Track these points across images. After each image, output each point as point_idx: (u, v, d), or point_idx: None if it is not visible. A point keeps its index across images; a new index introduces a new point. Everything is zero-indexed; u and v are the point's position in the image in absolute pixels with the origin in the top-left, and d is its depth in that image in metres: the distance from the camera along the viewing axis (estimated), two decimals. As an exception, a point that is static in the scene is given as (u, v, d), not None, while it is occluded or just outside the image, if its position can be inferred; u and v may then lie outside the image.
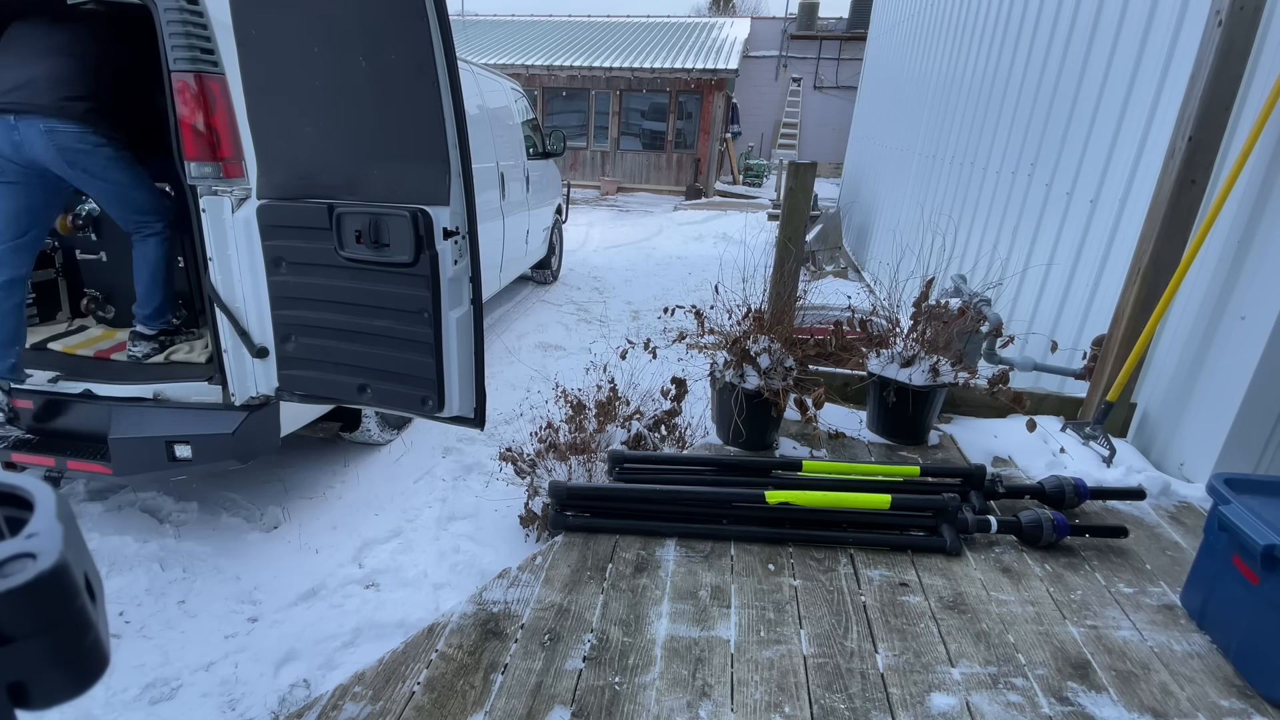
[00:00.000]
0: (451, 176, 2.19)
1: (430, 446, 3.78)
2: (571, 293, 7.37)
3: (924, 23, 7.65)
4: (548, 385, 3.73)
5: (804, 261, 5.59)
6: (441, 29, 2.02)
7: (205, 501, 3.14)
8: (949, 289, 3.65)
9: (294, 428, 2.95)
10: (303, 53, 2.16)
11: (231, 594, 2.61)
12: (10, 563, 0.34)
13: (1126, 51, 3.29)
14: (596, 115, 15.96)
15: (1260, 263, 2.38)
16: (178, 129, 2.32)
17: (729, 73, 14.52)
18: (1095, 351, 3.01)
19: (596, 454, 2.90)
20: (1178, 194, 2.58)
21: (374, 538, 2.97)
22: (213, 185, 2.40)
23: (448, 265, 2.27)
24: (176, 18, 2.24)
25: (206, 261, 2.46)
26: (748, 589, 2.04)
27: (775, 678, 1.72)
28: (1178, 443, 2.67)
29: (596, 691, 1.67)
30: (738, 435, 2.80)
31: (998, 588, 2.07)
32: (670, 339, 3.13)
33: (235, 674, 2.25)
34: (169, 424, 2.61)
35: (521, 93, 6.71)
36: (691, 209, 13.56)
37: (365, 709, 1.63)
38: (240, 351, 2.57)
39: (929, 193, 6.35)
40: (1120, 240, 3.13)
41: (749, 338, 2.79)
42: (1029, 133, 4.27)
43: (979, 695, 1.67)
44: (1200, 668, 1.77)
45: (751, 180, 18.16)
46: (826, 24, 20.58)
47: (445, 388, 2.40)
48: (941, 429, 3.10)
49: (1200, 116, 2.49)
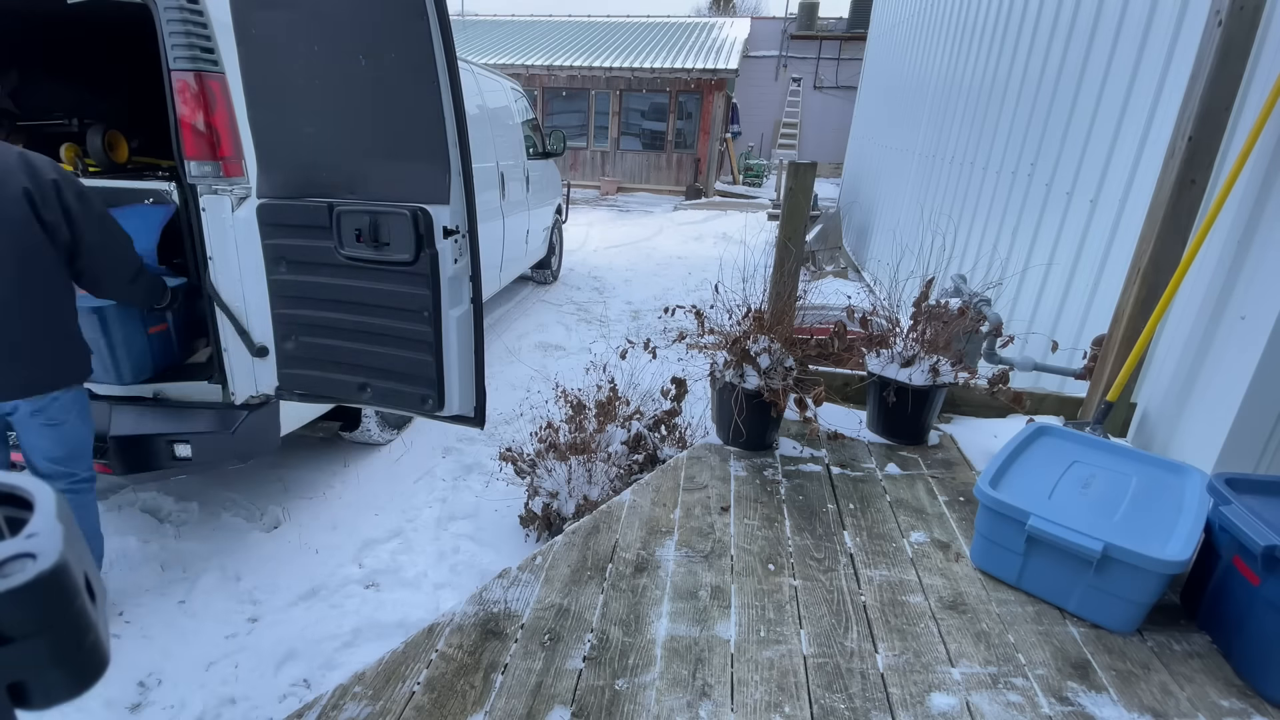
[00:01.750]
0: (451, 175, 2.19)
1: (430, 446, 3.78)
2: (571, 293, 7.37)
3: (924, 23, 7.65)
4: (548, 385, 3.73)
5: (804, 261, 5.59)
6: (441, 29, 2.02)
7: (205, 501, 3.14)
8: (949, 289, 3.65)
9: (294, 427, 2.95)
10: (303, 52, 2.16)
11: (231, 594, 2.61)
12: (10, 563, 0.34)
13: (1126, 51, 3.29)
14: (596, 115, 15.96)
15: (1260, 263, 2.37)
16: (178, 128, 2.32)
17: (729, 73, 14.51)
18: (1095, 351, 3.01)
19: (596, 454, 2.90)
20: (1178, 194, 2.58)
21: (374, 538, 2.97)
22: (213, 184, 2.40)
23: (448, 264, 2.27)
24: (176, 17, 2.24)
25: (206, 261, 2.46)
26: (748, 589, 2.04)
27: (775, 678, 1.72)
28: (1178, 443, 2.66)
29: (596, 691, 1.67)
30: (738, 435, 2.80)
31: (998, 587, 2.07)
32: (670, 339, 3.13)
33: (235, 674, 2.25)
34: (169, 423, 2.61)
35: (521, 93, 6.71)
36: (691, 209, 13.56)
37: (365, 709, 1.63)
38: (240, 350, 2.57)
39: (929, 193, 6.35)
40: (1120, 240, 3.13)
41: (749, 338, 2.79)
42: (1029, 133, 4.27)
43: (979, 695, 1.67)
44: (1200, 667, 1.77)
45: (751, 180, 18.16)
46: (826, 24, 20.58)
47: (445, 387, 2.40)
48: (941, 429, 3.10)
49: (1200, 116, 2.49)
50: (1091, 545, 1.81)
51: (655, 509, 2.45)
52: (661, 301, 6.79)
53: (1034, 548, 1.96)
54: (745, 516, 2.41)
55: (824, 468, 2.76)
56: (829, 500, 2.53)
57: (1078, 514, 1.95)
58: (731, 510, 2.45)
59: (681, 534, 2.31)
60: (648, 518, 2.40)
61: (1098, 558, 1.81)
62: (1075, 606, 1.94)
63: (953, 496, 2.57)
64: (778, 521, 2.39)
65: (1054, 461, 2.22)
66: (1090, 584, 1.88)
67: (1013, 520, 1.97)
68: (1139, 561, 1.77)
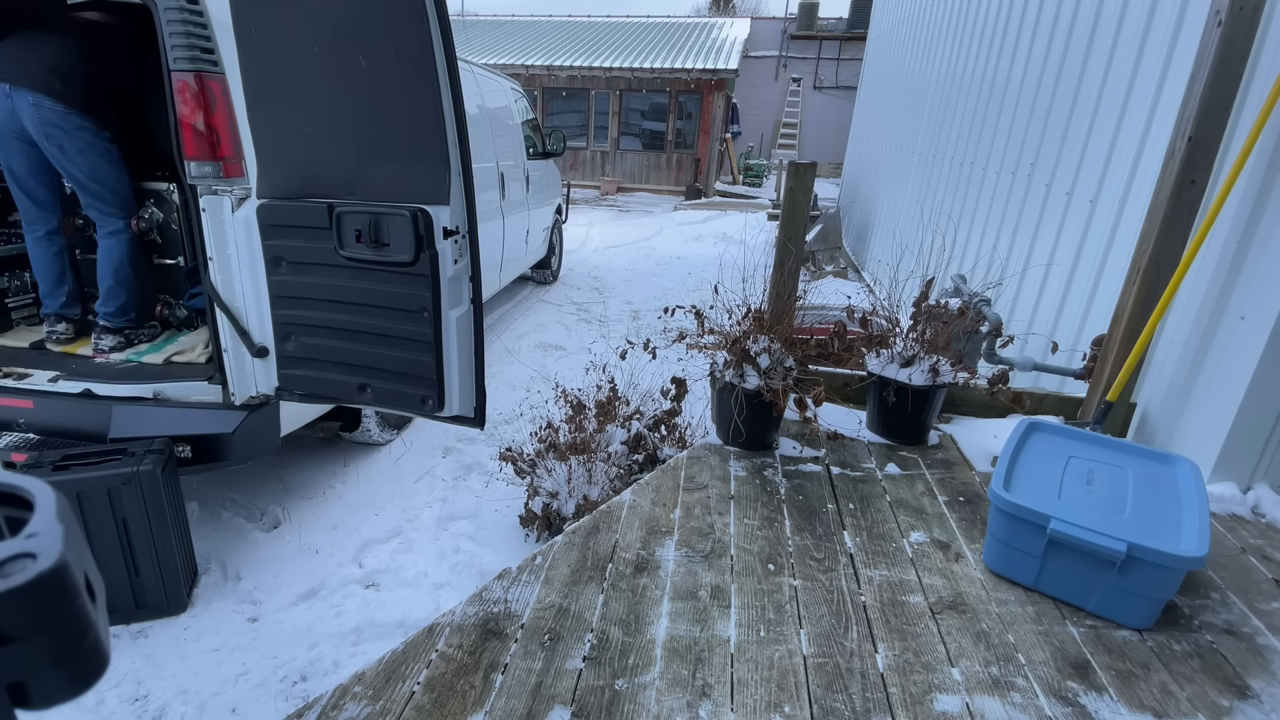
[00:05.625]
0: (451, 176, 2.19)
1: (430, 446, 3.78)
2: (571, 293, 7.38)
3: (924, 23, 7.65)
4: (548, 385, 3.73)
5: (804, 261, 5.59)
6: (441, 29, 2.02)
7: (205, 501, 3.14)
8: (949, 289, 3.65)
9: (294, 427, 2.95)
10: (303, 52, 2.16)
11: (231, 594, 2.61)
12: (10, 563, 0.34)
13: (1126, 51, 3.29)
14: (596, 115, 15.96)
15: (1260, 262, 2.38)
16: (178, 128, 2.32)
17: (729, 73, 14.51)
18: (1095, 351, 3.01)
19: (596, 454, 2.90)
20: (1177, 194, 2.58)
21: (374, 538, 2.97)
22: (213, 185, 2.40)
23: (448, 264, 2.27)
24: (176, 17, 2.24)
25: (206, 261, 2.47)
26: (748, 589, 2.04)
27: (775, 678, 1.72)
28: (1177, 442, 2.66)
29: (596, 691, 1.67)
30: (738, 435, 2.80)
31: (998, 587, 2.07)
32: (670, 339, 3.13)
33: (235, 674, 2.25)
34: (169, 423, 2.61)
35: (521, 93, 6.71)
36: (691, 209, 13.56)
37: (365, 709, 1.63)
38: (240, 351, 2.57)
39: (929, 193, 6.35)
40: (1120, 240, 3.13)
41: (749, 338, 2.79)
42: (1029, 133, 4.27)
43: (979, 695, 1.67)
44: (1200, 667, 1.77)
45: (751, 180, 18.17)
46: (826, 24, 20.58)
47: (445, 387, 2.40)
48: (941, 429, 3.10)
49: (1200, 116, 2.49)
50: (1116, 546, 1.82)
51: (655, 509, 2.45)
52: (661, 301, 6.79)
53: (1053, 550, 1.96)
54: (745, 516, 2.41)
55: (824, 468, 2.76)
56: (829, 500, 2.53)
57: (1090, 513, 1.95)
58: (731, 510, 2.45)
59: (681, 534, 2.31)
60: (648, 518, 2.40)
61: (1122, 558, 1.81)
62: (1095, 606, 1.94)
63: (953, 496, 2.57)
64: (778, 521, 2.39)
65: (1051, 458, 2.22)
66: (1112, 583, 1.88)
67: (1032, 524, 1.96)
68: (1163, 560, 1.79)
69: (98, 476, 2.26)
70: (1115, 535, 1.84)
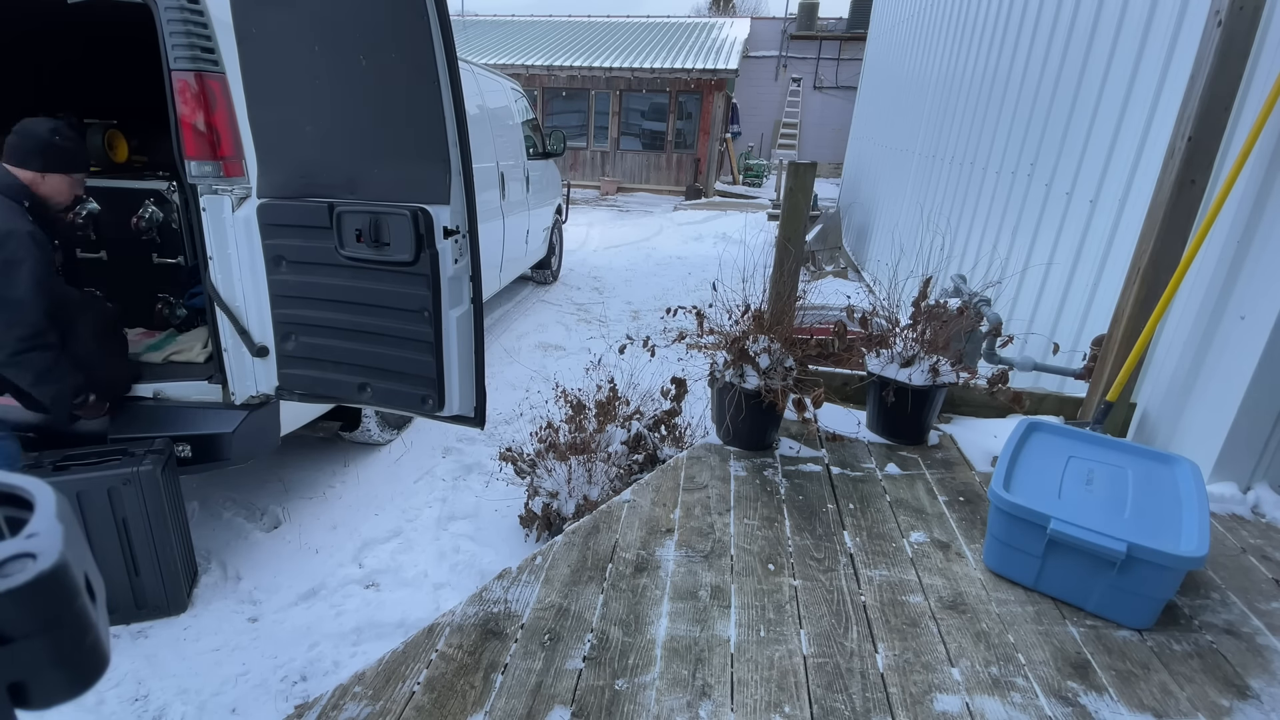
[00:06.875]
0: (452, 175, 2.19)
1: (430, 446, 3.78)
2: (571, 293, 7.37)
3: (924, 23, 7.65)
4: (548, 385, 3.73)
5: (804, 261, 5.59)
6: (442, 29, 2.02)
7: (205, 501, 3.14)
8: (948, 289, 3.65)
9: (294, 427, 2.95)
10: (303, 52, 2.16)
11: (231, 594, 2.61)
12: (10, 563, 0.34)
13: (1126, 51, 3.29)
14: (596, 115, 15.96)
15: (1260, 262, 2.38)
16: (178, 128, 2.32)
17: (729, 73, 14.51)
18: (1095, 351, 3.01)
19: (596, 454, 2.90)
20: (1177, 194, 2.58)
21: (374, 538, 2.97)
22: (213, 184, 2.40)
23: (448, 264, 2.27)
24: (177, 16, 2.24)
25: (207, 260, 2.47)
26: (748, 589, 2.04)
27: (775, 678, 1.72)
28: (1177, 442, 2.66)
29: (596, 691, 1.67)
30: (738, 435, 2.80)
31: (998, 587, 2.07)
32: (670, 339, 3.13)
33: (235, 674, 2.25)
34: (169, 423, 2.61)
35: (521, 93, 6.71)
36: (691, 209, 13.56)
37: (365, 709, 1.63)
38: (240, 350, 2.57)
39: (929, 193, 6.35)
40: (1120, 240, 3.13)
41: (749, 338, 2.79)
42: (1029, 133, 4.27)
43: (979, 695, 1.67)
44: (1200, 667, 1.77)
45: (751, 180, 18.17)
46: (826, 24, 20.58)
47: (445, 387, 2.40)
48: (941, 429, 3.10)
49: (1200, 116, 2.49)
50: (1115, 546, 1.82)
51: (655, 509, 2.45)
52: (661, 301, 6.79)
53: (1053, 550, 1.96)
54: (745, 516, 2.41)
55: (824, 468, 2.76)
56: (829, 500, 2.53)
57: (1090, 513, 1.95)
58: (731, 510, 2.45)
59: (681, 534, 2.31)
60: (648, 518, 2.40)
61: (1122, 558, 1.82)
62: (1095, 606, 1.94)
63: (952, 496, 2.57)
64: (778, 521, 2.39)
65: (1051, 458, 2.22)
66: (1111, 583, 1.88)
67: (1032, 524, 1.96)
68: (1163, 560, 1.79)
69: (98, 477, 2.26)
70: (1115, 535, 1.84)
